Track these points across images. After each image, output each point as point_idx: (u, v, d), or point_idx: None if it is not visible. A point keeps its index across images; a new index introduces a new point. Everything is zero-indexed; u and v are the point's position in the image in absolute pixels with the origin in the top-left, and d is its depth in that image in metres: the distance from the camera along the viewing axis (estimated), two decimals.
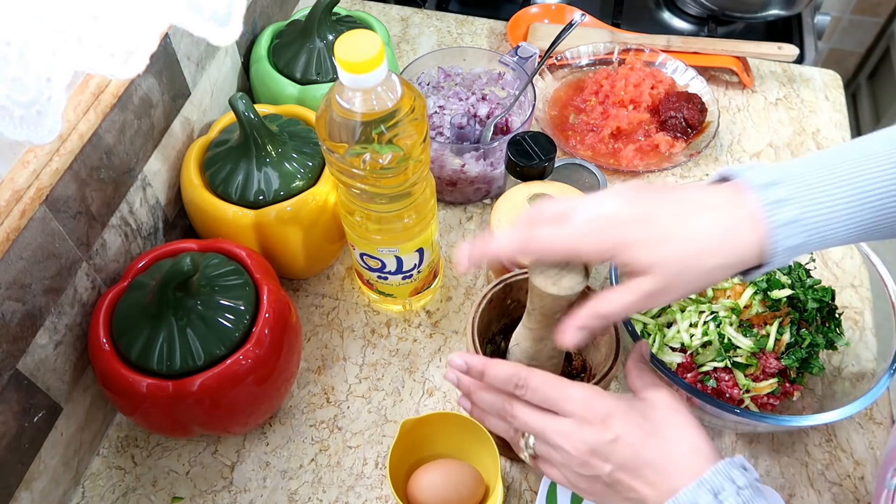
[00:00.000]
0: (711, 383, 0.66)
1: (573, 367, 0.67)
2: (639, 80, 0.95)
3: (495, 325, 0.66)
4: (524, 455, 0.50)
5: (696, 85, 0.96)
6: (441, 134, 0.87)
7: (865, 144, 0.46)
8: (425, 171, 0.63)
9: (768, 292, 0.66)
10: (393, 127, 0.55)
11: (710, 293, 0.67)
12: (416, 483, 0.62)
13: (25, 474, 0.60)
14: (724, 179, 0.46)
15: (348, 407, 0.72)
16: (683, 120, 0.91)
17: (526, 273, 0.61)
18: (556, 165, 0.80)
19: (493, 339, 0.68)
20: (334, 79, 0.81)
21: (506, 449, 0.67)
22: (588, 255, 0.46)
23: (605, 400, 0.47)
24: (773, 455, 0.69)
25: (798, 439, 0.70)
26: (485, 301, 0.60)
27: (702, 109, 0.92)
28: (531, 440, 0.49)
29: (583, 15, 0.80)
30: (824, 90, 1.02)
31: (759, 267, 0.45)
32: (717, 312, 0.66)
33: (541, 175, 0.75)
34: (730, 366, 0.66)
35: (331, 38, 0.81)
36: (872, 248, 0.70)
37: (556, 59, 0.99)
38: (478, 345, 0.58)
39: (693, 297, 0.67)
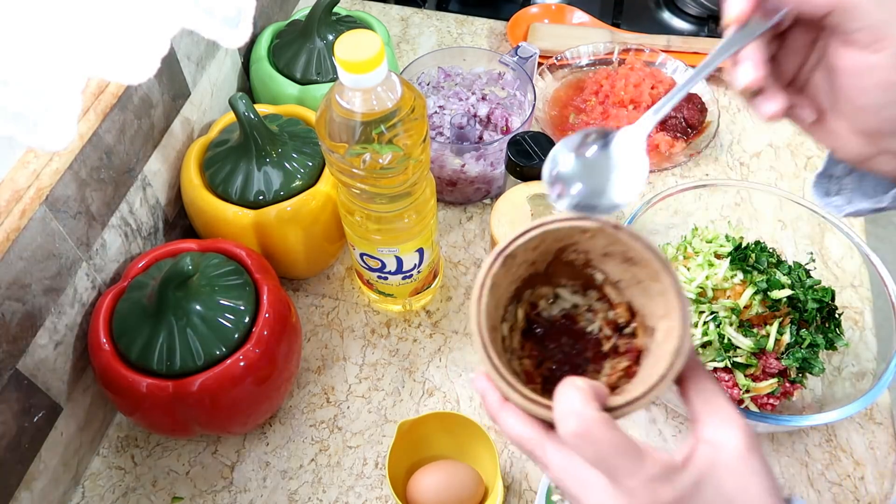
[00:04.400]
0: None
1: (615, 313, 0.47)
2: (639, 80, 0.95)
3: (505, 297, 0.48)
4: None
5: (696, 85, 0.95)
6: (441, 134, 0.87)
7: None
8: (425, 171, 0.63)
9: (768, 292, 0.66)
10: (393, 127, 0.55)
11: (710, 293, 0.67)
12: (416, 484, 0.62)
13: (25, 474, 0.60)
14: None
15: (348, 407, 0.72)
16: (683, 120, 0.91)
17: (526, 231, 0.43)
18: None
19: (505, 316, 0.49)
20: (334, 79, 0.81)
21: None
22: None
23: (673, 483, 0.35)
24: (773, 455, 0.69)
25: (798, 439, 0.70)
26: (485, 293, 0.43)
27: (702, 109, 0.92)
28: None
29: None
30: None
31: None
32: (717, 312, 0.66)
33: (540, 175, 0.75)
34: (730, 366, 0.66)
35: (331, 38, 0.81)
36: (872, 248, 0.70)
37: (556, 59, 0.99)
38: (490, 352, 0.41)
39: (693, 297, 0.67)
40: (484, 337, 0.41)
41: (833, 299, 0.69)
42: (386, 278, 0.72)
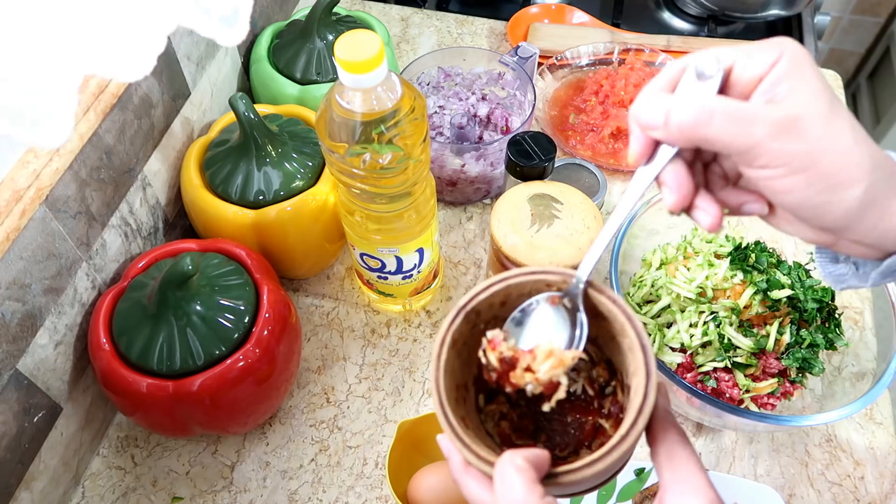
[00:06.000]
0: (711, 383, 0.66)
1: (596, 372, 0.45)
2: (639, 80, 0.95)
3: (476, 356, 0.43)
4: None
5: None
6: (441, 134, 0.87)
7: None
8: (425, 171, 0.63)
9: (768, 292, 0.66)
10: (393, 127, 0.55)
11: (710, 293, 0.67)
12: (416, 485, 0.62)
13: (25, 474, 0.60)
14: None
15: (348, 407, 0.72)
16: None
17: (489, 286, 0.42)
18: (556, 165, 0.80)
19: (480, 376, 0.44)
20: (334, 79, 0.81)
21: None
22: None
23: None
24: (773, 455, 0.69)
25: (798, 439, 0.70)
26: (445, 349, 0.40)
27: None
28: None
29: None
30: None
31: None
32: (717, 312, 0.66)
33: (541, 175, 0.75)
34: (730, 366, 0.66)
35: (331, 38, 0.81)
36: None
37: (556, 59, 0.99)
38: (447, 410, 0.38)
39: (693, 297, 0.67)
40: (441, 395, 0.39)
41: (833, 299, 0.69)
42: (386, 278, 0.72)
